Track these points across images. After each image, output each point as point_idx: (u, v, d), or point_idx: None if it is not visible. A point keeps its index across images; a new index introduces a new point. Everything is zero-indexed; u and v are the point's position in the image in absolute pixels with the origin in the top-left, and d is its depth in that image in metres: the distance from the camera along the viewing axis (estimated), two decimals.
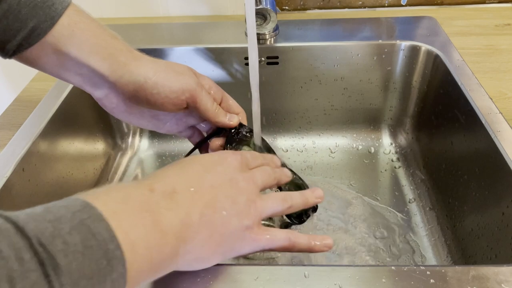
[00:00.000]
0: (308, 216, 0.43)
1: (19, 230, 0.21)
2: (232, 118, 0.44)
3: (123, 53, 0.40)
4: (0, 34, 0.37)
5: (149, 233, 0.27)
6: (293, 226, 0.45)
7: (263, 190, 0.37)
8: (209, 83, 0.44)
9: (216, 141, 0.45)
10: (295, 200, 0.37)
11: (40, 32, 0.37)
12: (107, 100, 0.42)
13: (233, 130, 0.45)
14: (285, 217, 0.43)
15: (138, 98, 0.40)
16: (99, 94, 0.41)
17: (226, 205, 0.32)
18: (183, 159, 0.35)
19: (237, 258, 0.57)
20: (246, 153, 0.39)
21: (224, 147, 0.45)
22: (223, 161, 0.35)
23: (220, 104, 0.45)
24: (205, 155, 0.37)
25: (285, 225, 0.46)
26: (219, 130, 0.46)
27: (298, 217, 0.43)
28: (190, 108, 0.42)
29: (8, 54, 0.38)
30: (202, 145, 0.48)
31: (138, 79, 0.39)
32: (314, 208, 0.43)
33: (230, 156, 0.36)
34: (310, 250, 0.36)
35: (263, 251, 0.35)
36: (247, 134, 0.45)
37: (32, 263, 0.20)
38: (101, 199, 0.26)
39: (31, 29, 0.36)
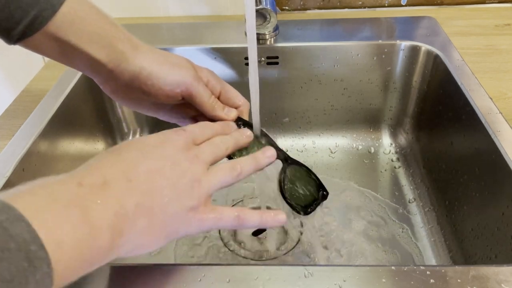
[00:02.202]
0: (316, 205, 0.41)
1: None
2: (230, 112, 0.43)
3: (121, 41, 0.40)
4: (3, 22, 0.37)
5: (78, 229, 0.26)
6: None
7: (214, 163, 0.35)
8: (207, 75, 0.44)
9: None
10: (245, 165, 0.36)
11: (42, 21, 0.37)
12: (106, 86, 0.42)
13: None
14: (286, 205, 0.42)
15: (134, 87, 0.41)
16: (99, 79, 0.42)
17: (165, 190, 0.31)
18: (121, 144, 0.34)
19: (237, 257, 0.57)
20: (193, 127, 0.37)
21: None
22: (163, 143, 0.34)
23: (219, 97, 0.44)
24: (145, 137, 0.35)
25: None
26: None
27: (304, 207, 0.41)
28: (187, 100, 0.42)
29: (12, 41, 0.38)
30: None
31: (133, 69, 0.40)
32: (324, 196, 0.42)
33: (172, 136, 0.35)
34: (261, 226, 0.36)
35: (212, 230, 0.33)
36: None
37: None
38: (23, 199, 0.25)
39: (33, 18, 0.37)
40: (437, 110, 0.64)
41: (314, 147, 0.76)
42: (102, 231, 0.27)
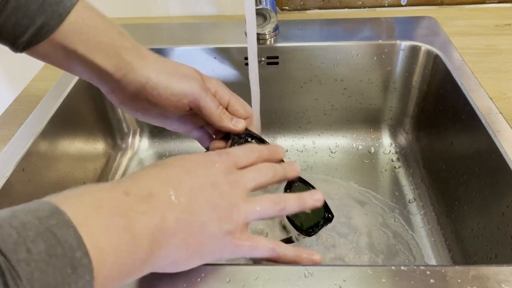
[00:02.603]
0: (320, 228, 0.41)
1: None
2: (238, 123, 0.42)
3: (128, 51, 0.40)
4: (10, 30, 0.37)
5: (121, 238, 0.26)
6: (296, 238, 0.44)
7: (256, 190, 0.35)
8: (215, 86, 0.43)
9: (217, 143, 0.44)
10: (289, 202, 0.36)
11: (48, 29, 0.37)
12: (112, 96, 0.42)
13: (237, 137, 0.43)
14: (290, 227, 0.41)
15: (140, 97, 0.40)
16: (106, 89, 0.41)
17: (205, 209, 0.31)
18: (166, 160, 0.34)
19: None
20: (237, 151, 0.37)
21: None
22: (206, 163, 0.34)
23: (227, 107, 0.43)
24: (189, 155, 0.35)
25: (286, 240, 0.44)
26: (227, 134, 0.44)
27: (307, 229, 0.41)
28: (195, 111, 0.42)
29: (18, 49, 0.38)
30: None
31: (140, 79, 0.39)
32: (328, 219, 0.41)
33: (215, 157, 0.35)
34: (295, 263, 0.36)
35: (251, 259, 0.34)
36: (252, 141, 0.44)
37: None
38: (72, 204, 0.25)
39: (40, 26, 0.37)
40: (437, 110, 0.64)
41: (314, 147, 0.76)
42: (142, 242, 0.27)
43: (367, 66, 0.70)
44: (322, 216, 0.42)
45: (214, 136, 0.47)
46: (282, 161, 0.41)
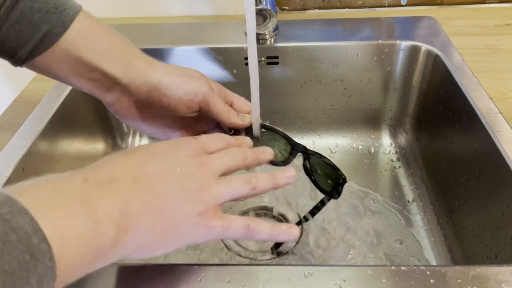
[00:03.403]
0: (342, 188, 0.43)
1: None
2: (244, 118, 0.43)
3: (136, 57, 0.40)
4: (12, 40, 0.37)
5: (82, 224, 0.26)
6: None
7: (226, 173, 0.35)
8: (219, 86, 0.44)
9: None
10: (261, 180, 0.35)
11: (52, 38, 0.37)
12: (118, 105, 0.42)
13: (245, 130, 0.44)
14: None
15: (152, 100, 0.40)
16: (111, 98, 0.41)
17: (172, 192, 0.31)
18: (131, 148, 0.34)
19: (237, 257, 0.57)
20: (205, 137, 0.37)
21: None
22: (172, 148, 0.34)
23: (231, 106, 0.44)
24: (156, 143, 0.35)
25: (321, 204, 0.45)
26: (234, 134, 0.45)
27: (332, 192, 0.43)
28: (203, 111, 0.42)
29: (19, 61, 0.38)
30: None
31: (152, 81, 0.39)
32: (344, 179, 0.43)
33: (182, 143, 0.35)
34: (272, 239, 0.35)
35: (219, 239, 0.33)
36: (263, 130, 0.45)
37: None
38: (27, 193, 0.25)
39: (44, 34, 0.37)
40: (437, 110, 0.64)
41: (314, 147, 0.76)
42: (106, 227, 0.27)
43: (367, 66, 0.70)
44: (338, 177, 0.44)
45: None
46: None
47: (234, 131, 0.45)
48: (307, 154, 0.43)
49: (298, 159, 0.43)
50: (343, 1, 0.81)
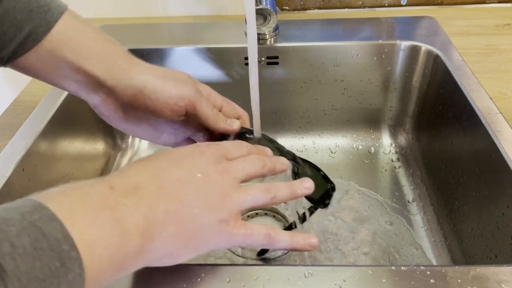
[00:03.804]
0: (330, 197, 0.42)
1: None
2: (233, 123, 0.43)
3: (121, 58, 0.39)
4: None
5: (109, 231, 0.26)
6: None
7: (246, 181, 0.35)
8: (208, 90, 0.44)
9: None
10: (280, 190, 0.36)
11: (36, 38, 0.36)
12: (103, 107, 0.41)
13: (234, 136, 0.44)
14: (307, 203, 0.42)
15: (137, 103, 0.40)
16: (95, 100, 0.40)
17: (196, 199, 0.31)
18: (152, 154, 0.34)
19: (237, 257, 0.57)
20: (227, 143, 0.37)
21: None
22: (193, 154, 0.34)
23: (220, 111, 0.44)
24: (176, 149, 0.35)
25: (309, 212, 0.44)
26: (222, 138, 0.44)
27: (321, 201, 0.42)
28: (190, 115, 0.42)
29: (2, 62, 0.37)
30: None
31: (137, 84, 0.39)
32: (332, 187, 0.42)
33: (204, 148, 0.35)
34: (291, 248, 0.35)
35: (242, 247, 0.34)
36: (250, 136, 0.44)
37: None
38: (56, 199, 0.25)
39: (27, 34, 0.36)
40: (437, 110, 0.64)
41: (314, 147, 0.76)
42: (132, 234, 0.27)
43: (367, 66, 0.70)
44: (326, 185, 0.43)
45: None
46: None
47: (223, 136, 0.44)
48: (296, 162, 0.43)
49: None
50: (343, 1, 0.81)
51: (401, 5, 0.82)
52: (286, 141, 0.77)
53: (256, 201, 0.34)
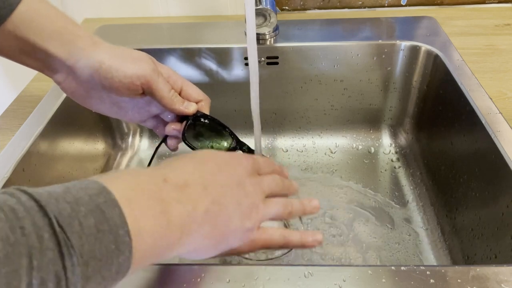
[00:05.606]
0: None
1: (41, 209, 0.22)
2: (189, 105, 0.44)
3: (81, 38, 0.41)
4: None
5: (157, 222, 0.28)
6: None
7: (268, 196, 0.38)
8: (168, 71, 0.45)
9: (173, 125, 0.46)
10: (295, 208, 0.38)
11: None
12: (65, 84, 0.43)
13: (191, 118, 0.45)
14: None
15: (95, 82, 0.41)
16: (59, 78, 0.42)
17: (230, 205, 0.33)
18: (199, 153, 0.36)
19: (237, 257, 0.57)
20: (260, 159, 0.40)
21: (182, 134, 0.45)
22: (236, 164, 0.36)
23: (180, 93, 0.45)
24: (220, 153, 0.38)
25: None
26: (181, 119, 0.46)
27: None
28: (147, 94, 0.43)
29: None
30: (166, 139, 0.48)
31: (93, 63, 0.40)
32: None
33: (243, 160, 0.37)
34: (302, 246, 0.37)
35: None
36: (205, 121, 0.45)
37: (50, 242, 0.22)
38: (117, 184, 0.27)
39: None
40: (437, 110, 0.64)
41: (314, 147, 0.76)
42: (175, 227, 0.29)
43: (367, 66, 0.70)
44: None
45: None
46: None
47: (181, 117, 0.45)
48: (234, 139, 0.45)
49: (298, 161, 0.43)
50: (343, 1, 0.81)
51: (401, 5, 0.82)
52: (286, 141, 0.77)
53: (276, 215, 0.37)
